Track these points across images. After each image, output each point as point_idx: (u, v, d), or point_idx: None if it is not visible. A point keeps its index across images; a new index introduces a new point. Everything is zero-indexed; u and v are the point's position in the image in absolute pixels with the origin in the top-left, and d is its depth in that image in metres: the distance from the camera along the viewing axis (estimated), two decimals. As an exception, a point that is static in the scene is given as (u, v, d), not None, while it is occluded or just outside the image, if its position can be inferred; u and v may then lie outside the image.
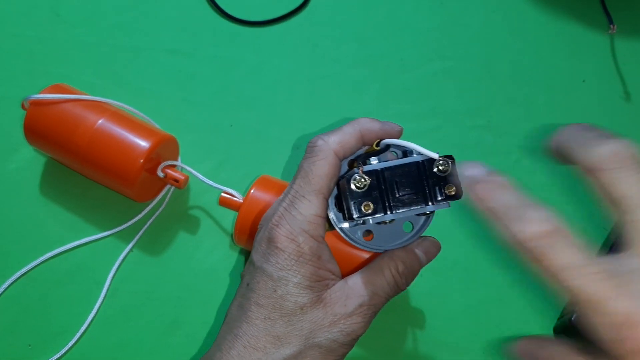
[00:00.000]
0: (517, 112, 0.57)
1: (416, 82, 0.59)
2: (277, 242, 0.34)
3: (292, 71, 0.59)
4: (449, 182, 0.34)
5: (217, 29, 0.61)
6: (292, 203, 0.35)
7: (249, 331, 0.34)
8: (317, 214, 0.35)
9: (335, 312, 0.34)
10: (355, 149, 0.36)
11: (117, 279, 0.50)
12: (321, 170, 0.35)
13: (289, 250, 0.34)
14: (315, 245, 0.34)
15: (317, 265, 0.35)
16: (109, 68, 0.59)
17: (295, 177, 0.36)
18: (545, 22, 0.62)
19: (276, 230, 0.35)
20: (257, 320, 0.34)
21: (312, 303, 0.34)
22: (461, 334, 0.49)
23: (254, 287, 0.35)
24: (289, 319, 0.34)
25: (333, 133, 0.36)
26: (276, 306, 0.34)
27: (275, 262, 0.34)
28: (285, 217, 0.35)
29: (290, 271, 0.34)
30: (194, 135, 0.55)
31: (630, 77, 0.59)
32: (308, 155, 0.35)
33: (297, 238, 0.34)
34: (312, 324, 0.34)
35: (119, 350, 0.48)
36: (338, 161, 0.35)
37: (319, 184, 0.34)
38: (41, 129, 0.49)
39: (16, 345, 0.48)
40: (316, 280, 0.35)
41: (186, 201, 0.53)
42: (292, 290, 0.34)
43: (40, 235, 0.51)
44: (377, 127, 0.36)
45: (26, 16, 0.61)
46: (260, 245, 0.36)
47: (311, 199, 0.34)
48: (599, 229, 0.53)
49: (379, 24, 0.62)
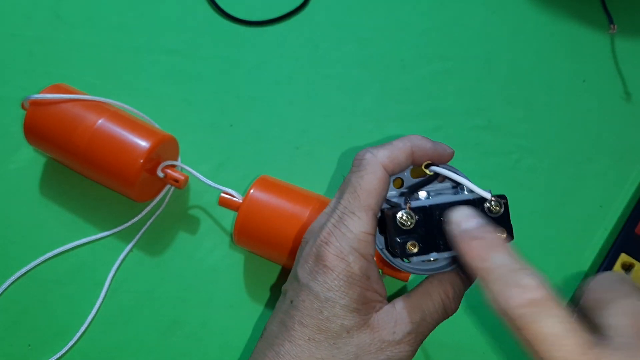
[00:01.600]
0: (517, 112, 0.57)
1: (416, 82, 0.59)
2: (326, 260, 0.33)
3: (292, 71, 0.59)
4: (499, 223, 0.32)
5: (217, 29, 0.61)
6: (341, 219, 0.33)
7: (291, 351, 0.33)
8: (367, 232, 0.33)
9: (383, 338, 0.33)
10: (404, 165, 0.35)
11: (117, 279, 0.50)
12: (370, 185, 0.33)
13: (339, 269, 0.33)
14: (365, 265, 0.33)
15: (365, 286, 0.33)
16: (109, 68, 0.59)
17: (342, 191, 0.34)
18: (545, 22, 0.62)
19: (325, 247, 0.33)
20: (301, 341, 0.33)
21: (358, 326, 0.33)
22: (461, 334, 0.49)
23: (298, 305, 0.34)
24: (334, 342, 0.33)
25: (382, 147, 0.34)
26: (322, 327, 0.33)
27: (323, 281, 0.33)
28: (334, 234, 0.33)
29: (339, 292, 0.33)
30: (194, 135, 0.55)
31: (630, 77, 0.59)
32: (355, 170, 0.34)
33: (347, 257, 0.33)
34: (358, 348, 0.33)
35: (119, 351, 0.48)
36: (387, 176, 0.34)
37: (368, 200, 0.33)
38: (41, 129, 0.49)
39: (16, 345, 0.48)
40: (363, 303, 0.33)
41: (186, 201, 0.53)
42: (339, 313, 0.33)
43: (40, 235, 0.51)
44: (429, 147, 0.35)
45: (26, 17, 0.61)
46: (306, 262, 0.34)
47: (361, 216, 0.33)
48: (599, 229, 0.53)
49: (379, 24, 0.62)
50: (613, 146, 0.56)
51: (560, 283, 0.51)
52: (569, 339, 0.25)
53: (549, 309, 0.25)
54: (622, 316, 0.26)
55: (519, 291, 0.26)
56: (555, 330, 0.25)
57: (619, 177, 0.54)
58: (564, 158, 0.55)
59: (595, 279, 0.30)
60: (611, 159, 0.55)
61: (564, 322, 0.25)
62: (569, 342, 0.25)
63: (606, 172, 0.55)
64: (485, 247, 0.28)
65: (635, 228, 0.50)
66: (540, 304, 0.26)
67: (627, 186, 0.54)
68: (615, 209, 0.53)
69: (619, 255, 0.49)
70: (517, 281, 0.26)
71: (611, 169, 0.55)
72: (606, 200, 0.54)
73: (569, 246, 0.52)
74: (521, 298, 0.26)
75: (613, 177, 0.55)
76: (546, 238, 0.52)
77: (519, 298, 0.26)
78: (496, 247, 0.28)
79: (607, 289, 0.28)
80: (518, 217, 0.53)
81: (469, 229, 0.30)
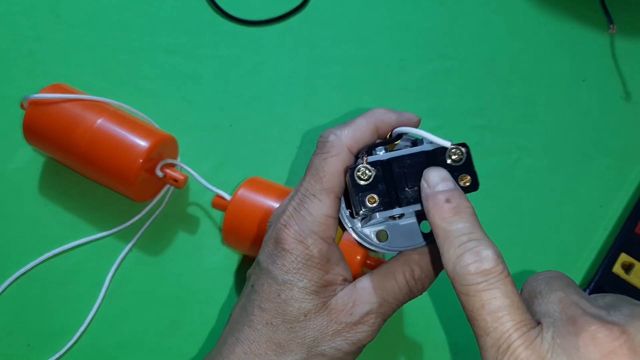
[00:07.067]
0: (517, 112, 0.57)
1: (416, 82, 0.59)
2: (284, 243, 0.33)
3: (292, 71, 0.59)
4: (462, 172, 0.31)
5: (217, 28, 0.61)
6: (301, 202, 0.33)
7: (250, 336, 0.33)
8: (328, 214, 0.33)
9: (340, 320, 0.33)
10: (370, 142, 0.34)
11: (116, 279, 0.50)
12: (333, 167, 0.33)
13: (297, 252, 0.32)
14: (324, 248, 0.33)
15: (325, 269, 0.33)
16: (108, 68, 0.59)
17: (305, 175, 0.34)
18: (545, 22, 0.62)
19: (284, 230, 0.33)
20: (259, 325, 0.33)
21: (317, 310, 0.33)
22: (461, 334, 0.49)
23: (257, 289, 0.34)
24: (291, 326, 0.33)
25: (346, 126, 0.33)
26: (279, 311, 0.33)
27: (281, 264, 0.33)
28: (294, 217, 0.33)
29: (297, 275, 0.32)
30: (193, 135, 0.55)
31: (630, 76, 0.59)
32: (319, 151, 0.33)
33: (306, 240, 0.32)
34: (315, 332, 0.33)
35: (119, 351, 0.48)
36: (352, 157, 0.33)
37: (331, 182, 0.33)
38: (40, 129, 0.49)
39: (15, 346, 0.48)
40: (323, 286, 0.33)
41: (186, 201, 0.53)
42: (297, 295, 0.32)
43: (40, 235, 0.51)
44: (394, 119, 0.34)
45: (26, 16, 0.61)
46: (267, 246, 0.34)
47: (322, 198, 0.32)
48: (599, 229, 0.53)
49: (379, 24, 0.62)
50: (613, 146, 0.56)
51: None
52: (510, 315, 0.26)
53: (500, 283, 0.27)
54: (553, 304, 0.28)
55: (475, 260, 0.27)
56: (500, 304, 0.26)
57: (619, 177, 0.54)
58: (563, 158, 0.55)
59: (534, 275, 0.31)
60: (611, 158, 0.55)
61: (510, 296, 0.26)
62: (509, 317, 0.26)
63: (606, 172, 0.55)
64: (453, 210, 0.29)
65: (635, 228, 0.50)
66: (493, 276, 0.27)
67: (627, 186, 0.54)
68: (615, 209, 0.53)
69: (619, 255, 0.49)
70: (476, 251, 0.27)
71: (611, 168, 0.55)
72: (606, 200, 0.54)
73: (569, 246, 0.52)
74: (476, 267, 0.27)
75: (613, 177, 0.55)
76: (546, 238, 0.52)
77: (474, 266, 0.27)
78: (463, 213, 0.29)
79: (543, 283, 0.29)
80: (518, 217, 0.53)
81: (443, 190, 0.30)
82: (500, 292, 0.26)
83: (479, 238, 0.28)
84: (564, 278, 0.30)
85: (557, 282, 0.29)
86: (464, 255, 0.27)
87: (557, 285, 0.29)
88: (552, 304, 0.28)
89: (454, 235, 0.28)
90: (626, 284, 0.48)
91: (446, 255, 0.28)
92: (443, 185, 0.30)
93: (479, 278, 0.27)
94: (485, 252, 0.27)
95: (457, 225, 0.28)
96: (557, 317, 0.27)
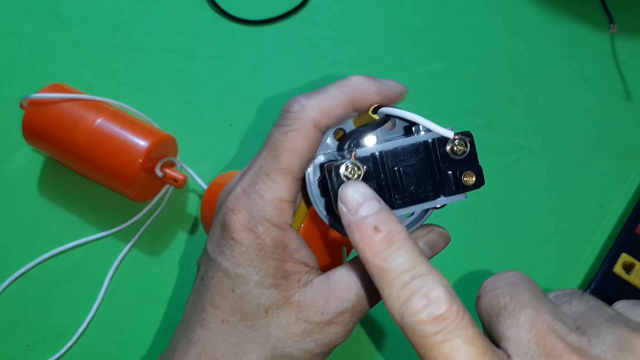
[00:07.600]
0: (517, 112, 0.57)
1: (416, 82, 0.59)
2: (232, 231, 0.28)
3: (291, 71, 0.59)
4: (466, 167, 0.28)
5: (217, 28, 0.61)
6: (252, 183, 0.28)
7: (204, 336, 0.29)
8: (283, 199, 0.28)
9: (309, 318, 0.28)
10: (342, 117, 0.29)
11: (116, 278, 0.50)
12: (293, 144, 0.28)
13: (247, 242, 0.28)
14: (279, 235, 0.28)
15: (282, 258, 0.29)
16: (108, 68, 0.58)
17: (261, 149, 0.29)
18: (545, 22, 0.62)
19: (231, 216, 0.28)
20: (213, 324, 0.29)
21: (278, 305, 0.28)
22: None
23: (207, 283, 0.29)
24: (251, 324, 0.29)
25: (315, 96, 0.29)
26: (235, 308, 0.29)
27: (231, 255, 0.28)
28: (242, 201, 0.28)
29: (250, 267, 0.28)
30: (193, 135, 0.55)
31: (630, 76, 0.59)
32: (280, 122, 0.28)
33: (257, 228, 0.28)
34: (280, 330, 0.28)
35: (118, 351, 0.48)
36: (317, 133, 0.28)
37: (289, 160, 0.28)
38: (40, 129, 0.49)
39: (15, 346, 0.48)
40: (282, 277, 0.29)
41: (185, 201, 0.53)
42: (254, 290, 0.28)
43: (39, 235, 0.51)
44: (374, 89, 0.30)
45: (26, 16, 0.61)
46: (214, 233, 0.30)
47: (276, 179, 0.28)
48: (599, 229, 0.52)
49: (379, 24, 0.62)
50: (613, 146, 0.56)
51: (560, 283, 0.51)
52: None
53: (459, 330, 0.22)
54: (524, 329, 0.23)
55: (425, 304, 0.22)
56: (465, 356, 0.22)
57: (619, 176, 0.54)
58: (563, 157, 0.55)
59: (491, 279, 0.26)
60: (611, 158, 0.55)
61: (474, 342, 0.22)
62: None
63: (606, 171, 0.55)
64: (386, 241, 0.24)
65: (636, 228, 0.50)
66: (449, 321, 0.22)
67: (627, 186, 0.54)
68: (615, 209, 0.53)
69: (619, 255, 0.49)
70: (424, 292, 0.22)
71: (611, 168, 0.55)
72: (606, 200, 0.53)
73: (569, 246, 0.52)
74: (428, 314, 0.22)
75: (613, 176, 0.54)
76: (546, 238, 0.52)
77: (425, 313, 0.22)
78: (398, 243, 0.24)
79: (507, 295, 0.24)
80: (518, 217, 0.53)
81: (367, 215, 0.24)
82: (462, 341, 0.22)
83: (423, 273, 0.23)
84: (529, 285, 0.25)
85: (524, 293, 0.24)
86: (410, 301, 0.22)
87: (525, 298, 0.24)
88: (522, 329, 0.23)
89: (394, 274, 0.23)
90: (627, 285, 0.48)
91: (389, 301, 0.23)
92: (367, 207, 0.25)
93: (434, 327, 0.22)
94: (434, 292, 0.22)
95: (395, 261, 0.23)
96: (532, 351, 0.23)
